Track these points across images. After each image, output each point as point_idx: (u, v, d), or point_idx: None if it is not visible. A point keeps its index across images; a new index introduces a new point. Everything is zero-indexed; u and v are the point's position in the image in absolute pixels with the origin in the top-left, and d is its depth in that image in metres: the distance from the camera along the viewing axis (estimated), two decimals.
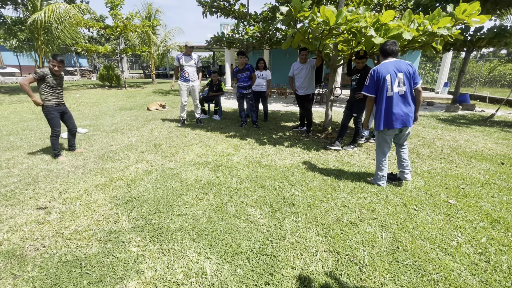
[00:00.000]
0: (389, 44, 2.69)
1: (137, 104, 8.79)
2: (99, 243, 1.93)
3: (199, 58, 5.45)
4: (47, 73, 3.32)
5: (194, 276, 1.64)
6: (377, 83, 2.66)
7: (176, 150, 4.01)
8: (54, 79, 3.40)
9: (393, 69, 2.60)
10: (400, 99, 2.63)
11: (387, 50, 2.69)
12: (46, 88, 3.36)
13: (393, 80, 2.59)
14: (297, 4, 3.35)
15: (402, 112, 2.62)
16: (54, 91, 3.44)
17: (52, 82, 3.38)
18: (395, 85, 2.60)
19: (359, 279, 1.65)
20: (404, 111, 2.63)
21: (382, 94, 2.65)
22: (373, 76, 2.68)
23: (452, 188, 2.92)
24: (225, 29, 14.70)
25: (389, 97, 2.63)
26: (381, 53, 2.74)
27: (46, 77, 3.32)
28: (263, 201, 2.56)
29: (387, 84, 2.61)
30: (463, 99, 9.42)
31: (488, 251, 1.91)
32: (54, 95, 3.45)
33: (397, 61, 2.65)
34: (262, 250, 1.87)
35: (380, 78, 2.63)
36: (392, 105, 2.63)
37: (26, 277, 1.60)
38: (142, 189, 2.75)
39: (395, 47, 2.67)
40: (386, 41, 2.72)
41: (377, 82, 2.66)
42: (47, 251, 1.83)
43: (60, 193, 2.66)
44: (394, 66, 2.62)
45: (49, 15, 10.46)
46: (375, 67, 2.70)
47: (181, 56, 5.23)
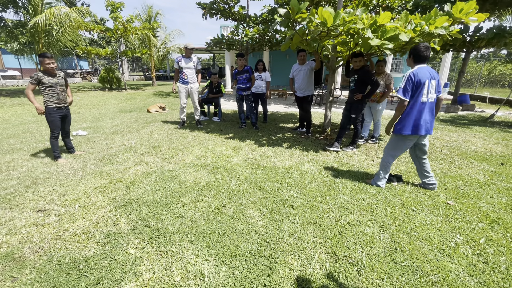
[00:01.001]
0: (424, 49, 2.52)
1: (137, 106, 8.82)
2: (97, 246, 1.93)
3: (198, 60, 5.47)
4: (41, 76, 3.33)
5: (192, 278, 1.64)
6: (416, 87, 2.52)
7: (176, 152, 4.02)
8: (50, 79, 3.39)
9: (429, 76, 2.53)
10: (429, 106, 2.59)
11: (422, 55, 2.54)
12: (46, 89, 3.38)
13: (430, 87, 2.54)
14: (294, 6, 3.37)
15: (428, 119, 2.61)
16: (54, 91, 3.43)
17: (49, 82, 3.38)
18: (430, 92, 2.55)
19: (357, 280, 1.65)
20: (429, 118, 2.62)
21: (417, 99, 2.54)
22: (412, 80, 2.52)
23: (451, 189, 2.92)
24: (224, 31, 14.76)
25: (423, 103, 2.56)
26: (414, 57, 2.59)
27: (42, 79, 3.33)
28: (262, 202, 2.57)
29: (424, 90, 2.52)
30: (463, 99, 9.42)
31: (487, 252, 1.91)
32: (54, 95, 3.44)
33: (429, 67, 2.58)
34: (260, 252, 1.88)
35: (420, 82, 2.50)
36: (423, 112, 2.57)
37: (25, 280, 1.61)
38: (141, 191, 2.76)
39: (428, 52, 2.53)
40: (419, 45, 2.54)
41: (416, 87, 2.52)
42: (46, 254, 1.83)
43: (60, 195, 2.67)
44: (429, 72, 2.54)
45: (49, 18, 10.52)
46: (413, 70, 2.53)
47: (181, 58, 5.25)
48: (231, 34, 10.18)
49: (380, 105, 4.52)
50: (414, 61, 2.60)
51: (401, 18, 3.54)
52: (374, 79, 3.81)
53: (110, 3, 14.42)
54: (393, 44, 3.44)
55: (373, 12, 8.62)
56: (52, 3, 12.43)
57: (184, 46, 5.28)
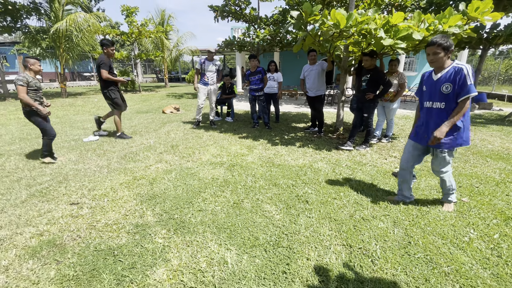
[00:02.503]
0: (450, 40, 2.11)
1: (152, 107, 9.12)
2: (128, 235, 2.10)
3: (221, 64, 5.67)
4: (29, 78, 3.30)
5: (216, 265, 1.78)
6: None
7: (193, 150, 4.20)
8: (36, 82, 3.39)
9: None
10: None
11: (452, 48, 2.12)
12: (31, 92, 3.33)
13: None
14: (307, 9, 3.47)
15: None
16: (37, 95, 3.42)
17: (35, 85, 3.36)
18: None
19: (371, 270, 1.74)
20: None
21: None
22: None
23: (466, 187, 2.93)
24: (236, 33, 14.95)
25: None
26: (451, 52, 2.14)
27: (30, 82, 3.30)
28: (278, 198, 2.68)
29: None
30: (479, 97, 9.19)
31: (501, 246, 1.95)
32: (38, 98, 3.42)
33: None
34: (278, 243, 1.99)
35: None
36: None
37: (68, 263, 1.79)
38: (163, 186, 2.93)
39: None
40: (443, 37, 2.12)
41: None
42: (83, 241, 2.02)
43: (89, 190, 2.88)
44: None
45: (70, 24, 11.02)
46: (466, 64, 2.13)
47: (204, 60, 5.47)
48: (243, 35, 10.35)
49: (394, 104, 4.54)
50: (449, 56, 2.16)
51: (414, 18, 3.58)
52: (386, 79, 3.85)
53: (125, 8, 14.91)
54: (406, 43, 3.48)
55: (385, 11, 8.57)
56: (72, 10, 13.00)
57: (207, 50, 5.51)
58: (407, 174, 2.50)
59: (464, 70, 2.06)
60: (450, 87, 2.12)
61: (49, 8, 11.89)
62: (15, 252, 1.89)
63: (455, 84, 2.09)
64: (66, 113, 7.97)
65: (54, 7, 11.73)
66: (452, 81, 2.10)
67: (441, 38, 2.10)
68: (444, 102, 2.17)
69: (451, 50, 2.11)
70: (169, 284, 1.63)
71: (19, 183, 3.02)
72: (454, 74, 2.09)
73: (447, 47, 2.10)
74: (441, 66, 2.18)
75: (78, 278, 1.67)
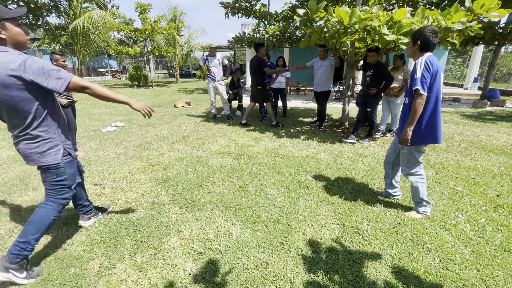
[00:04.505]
0: (433, 35, 1.98)
1: (164, 101, 9.47)
2: (145, 211, 2.38)
3: (223, 57, 5.84)
4: None
5: (222, 236, 2.02)
6: (433, 78, 1.96)
7: (203, 141, 4.46)
8: None
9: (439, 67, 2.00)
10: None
11: (432, 42, 1.99)
12: None
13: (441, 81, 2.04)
14: (313, 6, 3.62)
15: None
16: None
17: None
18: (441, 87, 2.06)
19: (360, 244, 1.93)
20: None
21: (438, 94, 2.01)
22: (429, 68, 1.94)
23: (462, 178, 3.05)
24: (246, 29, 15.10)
25: (439, 100, 2.03)
26: (422, 44, 2.01)
27: None
28: (280, 184, 2.90)
29: (440, 83, 2.00)
30: (492, 94, 9.03)
31: (485, 229, 2.09)
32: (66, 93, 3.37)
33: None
34: (278, 220, 2.22)
35: (437, 72, 1.96)
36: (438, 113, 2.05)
37: (95, 231, 2.08)
38: (176, 172, 3.21)
39: (438, 38, 2.03)
40: (426, 29, 2.00)
41: (433, 77, 1.96)
42: (107, 214, 2.30)
43: (110, 173, 3.18)
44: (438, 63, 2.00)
45: (87, 21, 11.51)
46: (429, 57, 1.97)
47: (207, 57, 5.68)
48: (253, 31, 10.50)
49: (399, 99, 4.64)
50: (422, 49, 2.03)
51: (418, 14, 3.66)
52: (389, 74, 3.97)
53: (139, 5, 15.31)
54: (408, 39, 3.58)
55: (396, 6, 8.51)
56: (89, 7, 13.51)
57: (209, 45, 5.70)
58: (388, 168, 2.48)
59: (417, 63, 1.99)
60: (408, 81, 2.11)
61: (68, 6, 12.42)
62: None
63: (411, 78, 2.06)
64: (84, 106, 8.42)
65: (73, 5, 12.26)
66: (411, 75, 2.07)
67: (420, 28, 2.05)
68: (407, 97, 2.14)
69: (418, 43, 2.02)
70: (181, 249, 1.89)
71: None
72: (413, 67, 2.03)
73: (415, 39, 2.03)
74: (410, 57, 2.16)
75: (105, 242, 1.95)
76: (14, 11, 1.44)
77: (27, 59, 1.38)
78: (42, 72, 1.40)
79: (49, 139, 1.56)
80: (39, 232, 1.61)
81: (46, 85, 1.41)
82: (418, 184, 2.23)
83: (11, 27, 1.43)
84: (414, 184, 2.24)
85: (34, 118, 1.48)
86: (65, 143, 1.66)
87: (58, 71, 1.45)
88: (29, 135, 1.50)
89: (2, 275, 1.52)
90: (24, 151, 1.54)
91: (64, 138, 1.66)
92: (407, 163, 2.25)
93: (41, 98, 1.49)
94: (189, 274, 1.67)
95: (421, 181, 2.23)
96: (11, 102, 1.40)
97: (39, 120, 1.50)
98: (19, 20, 1.49)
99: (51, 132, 1.57)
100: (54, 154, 1.58)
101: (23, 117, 1.46)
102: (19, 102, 1.41)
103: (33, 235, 1.59)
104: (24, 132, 1.49)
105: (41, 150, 1.54)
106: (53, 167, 1.60)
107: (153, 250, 1.88)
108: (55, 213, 1.67)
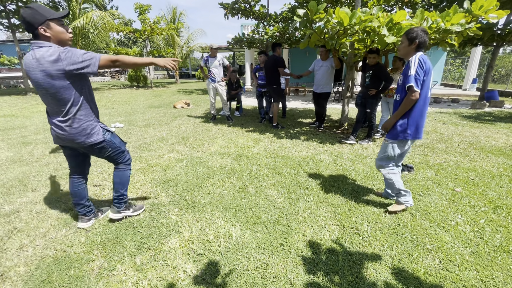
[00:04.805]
0: (426, 34, 2.03)
1: (164, 102, 9.46)
2: (145, 212, 2.37)
3: (223, 58, 5.83)
4: None
5: (222, 237, 2.02)
6: (426, 75, 2.01)
7: (202, 142, 4.46)
8: None
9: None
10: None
11: (426, 41, 2.04)
12: None
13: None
14: (313, 7, 3.63)
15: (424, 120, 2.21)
16: None
17: None
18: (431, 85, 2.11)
19: (360, 245, 1.94)
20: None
21: (427, 92, 2.07)
22: (423, 65, 1.98)
23: (461, 179, 3.06)
24: (245, 30, 15.13)
25: (427, 98, 2.11)
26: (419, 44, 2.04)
27: None
28: (280, 184, 2.90)
29: (430, 82, 2.06)
30: (491, 95, 9.07)
31: (485, 230, 2.10)
32: None
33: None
34: (278, 221, 2.21)
35: (429, 71, 2.01)
36: (426, 110, 2.14)
37: (95, 232, 2.07)
38: (175, 173, 3.20)
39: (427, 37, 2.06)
40: (419, 28, 2.04)
41: (426, 75, 2.01)
42: (107, 216, 2.30)
43: (109, 174, 3.18)
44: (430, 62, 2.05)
45: (86, 22, 11.49)
46: (421, 55, 2.02)
47: (207, 58, 5.68)
48: (252, 32, 10.51)
49: None
50: (417, 48, 2.06)
51: (417, 16, 3.68)
52: (388, 75, 3.98)
53: (138, 6, 15.32)
54: None
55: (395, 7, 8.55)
56: (88, 8, 13.50)
57: (209, 46, 5.70)
58: None
59: (410, 61, 2.04)
60: (401, 79, 2.13)
61: (67, 6, 12.40)
62: (50, 222, 2.19)
63: (404, 76, 2.09)
64: None
65: (72, 6, 12.23)
66: (403, 73, 2.11)
67: (413, 28, 2.06)
68: (399, 94, 2.18)
69: (416, 42, 2.03)
70: (181, 251, 1.88)
71: (47, 167, 3.36)
72: (406, 65, 2.08)
73: (411, 38, 2.04)
74: (404, 56, 2.16)
75: (105, 243, 1.94)
76: (58, 13, 1.66)
77: (63, 51, 1.60)
78: (76, 60, 1.61)
79: (89, 121, 1.81)
80: (126, 186, 2.15)
81: (82, 68, 1.63)
82: (391, 175, 2.26)
83: (55, 26, 1.64)
84: (387, 176, 2.29)
85: (73, 103, 1.71)
86: (100, 123, 1.91)
87: (87, 53, 1.65)
88: (72, 119, 1.74)
89: (119, 215, 2.17)
90: (70, 133, 1.76)
91: (98, 120, 1.92)
92: (382, 155, 2.29)
93: (79, 85, 1.73)
94: (189, 275, 1.66)
95: (392, 172, 2.27)
96: (54, 89, 1.63)
97: (78, 105, 1.74)
98: (62, 20, 1.69)
99: (88, 115, 1.81)
100: (97, 134, 1.85)
101: (64, 103, 1.69)
102: (60, 89, 1.64)
103: (123, 189, 2.13)
104: (67, 116, 1.72)
105: (86, 132, 1.80)
106: (102, 143, 1.88)
107: (153, 252, 1.87)
108: (128, 172, 2.14)
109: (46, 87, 1.62)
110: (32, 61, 1.58)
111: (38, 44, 1.60)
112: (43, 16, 1.59)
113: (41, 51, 1.58)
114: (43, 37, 1.62)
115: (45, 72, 1.58)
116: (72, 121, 1.74)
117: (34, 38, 1.62)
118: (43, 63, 1.56)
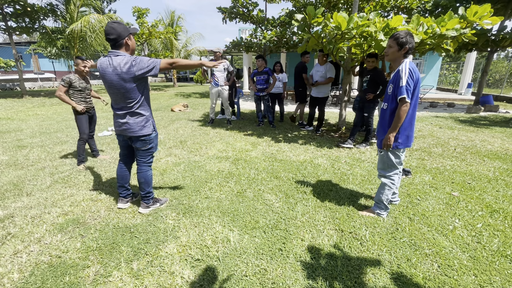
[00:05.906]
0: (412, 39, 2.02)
1: (161, 105, 9.44)
2: (142, 216, 2.35)
3: (228, 64, 5.85)
4: (73, 79, 3.31)
5: (220, 242, 2.00)
6: (415, 85, 2.00)
7: (200, 146, 4.44)
8: (81, 83, 3.38)
9: None
10: None
11: (413, 47, 2.04)
12: (75, 93, 3.36)
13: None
14: (311, 12, 3.67)
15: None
16: (83, 95, 3.42)
17: (80, 86, 3.36)
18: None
19: (359, 250, 1.93)
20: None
21: (416, 101, 2.06)
22: (413, 75, 1.97)
23: (458, 183, 3.08)
24: (243, 34, 15.21)
25: (416, 107, 2.09)
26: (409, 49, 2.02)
27: (73, 83, 3.30)
28: (278, 189, 2.89)
29: (419, 89, 2.05)
30: (486, 100, 9.18)
31: (482, 234, 2.11)
32: (83, 99, 3.43)
33: None
34: (276, 226, 2.20)
35: (418, 79, 2.01)
36: (414, 119, 2.14)
37: (91, 237, 2.04)
38: (173, 177, 3.18)
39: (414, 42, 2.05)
40: (406, 33, 2.01)
41: (415, 84, 2.00)
42: (103, 221, 2.27)
43: (106, 178, 3.15)
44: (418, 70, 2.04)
45: (84, 25, 11.48)
46: (410, 63, 2.00)
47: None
48: (250, 36, 10.58)
49: None
50: (406, 54, 2.04)
51: (413, 21, 3.73)
52: (385, 80, 4.01)
53: (136, 10, 15.36)
54: None
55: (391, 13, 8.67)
56: (86, 11, 13.51)
57: (216, 52, 5.75)
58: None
59: (401, 70, 2.00)
60: (391, 88, 2.09)
61: (65, 10, 12.40)
62: (45, 228, 2.16)
63: (394, 85, 2.05)
64: None
65: (70, 9, 12.24)
66: (393, 81, 2.07)
67: (402, 33, 2.02)
68: (387, 103, 2.15)
69: (406, 48, 2.00)
70: (178, 256, 1.86)
71: (43, 171, 3.32)
72: (396, 74, 2.05)
73: (401, 43, 2.00)
74: (392, 61, 2.13)
75: (101, 249, 1.92)
76: (134, 28, 2.10)
77: (134, 59, 1.97)
78: (143, 66, 1.97)
79: (146, 116, 2.17)
80: (151, 184, 2.39)
81: (147, 72, 1.99)
82: (386, 188, 2.28)
83: (132, 38, 2.06)
84: (383, 185, 2.30)
85: (137, 101, 2.09)
86: (153, 120, 2.25)
87: (150, 59, 1.99)
88: (134, 113, 2.11)
89: (148, 210, 2.41)
90: (129, 123, 2.12)
91: (152, 116, 2.26)
92: (383, 166, 2.31)
93: (142, 86, 2.10)
94: (187, 281, 1.64)
95: (389, 187, 2.27)
96: (124, 89, 2.02)
97: (140, 102, 2.11)
98: (134, 34, 2.09)
99: (147, 111, 2.17)
100: (149, 128, 2.19)
101: (130, 101, 2.07)
102: (129, 89, 2.02)
103: (149, 188, 2.38)
104: (130, 110, 2.10)
105: (142, 124, 2.14)
106: (148, 136, 2.20)
107: (150, 257, 1.85)
108: (151, 172, 2.39)
109: (118, 87, 2.00)
110: (109, 66, 1.97)
111: (115, 53, 1.98)
112: (127, 31, 2.00)
113: (118, 59, 1.96)
114: (125, 47, 2.02)
115: (119, 76, 1.96)
116: (133, 114, 2.10)
117: (113, 47, 1.99)
118: (118, 69, 1.95)
